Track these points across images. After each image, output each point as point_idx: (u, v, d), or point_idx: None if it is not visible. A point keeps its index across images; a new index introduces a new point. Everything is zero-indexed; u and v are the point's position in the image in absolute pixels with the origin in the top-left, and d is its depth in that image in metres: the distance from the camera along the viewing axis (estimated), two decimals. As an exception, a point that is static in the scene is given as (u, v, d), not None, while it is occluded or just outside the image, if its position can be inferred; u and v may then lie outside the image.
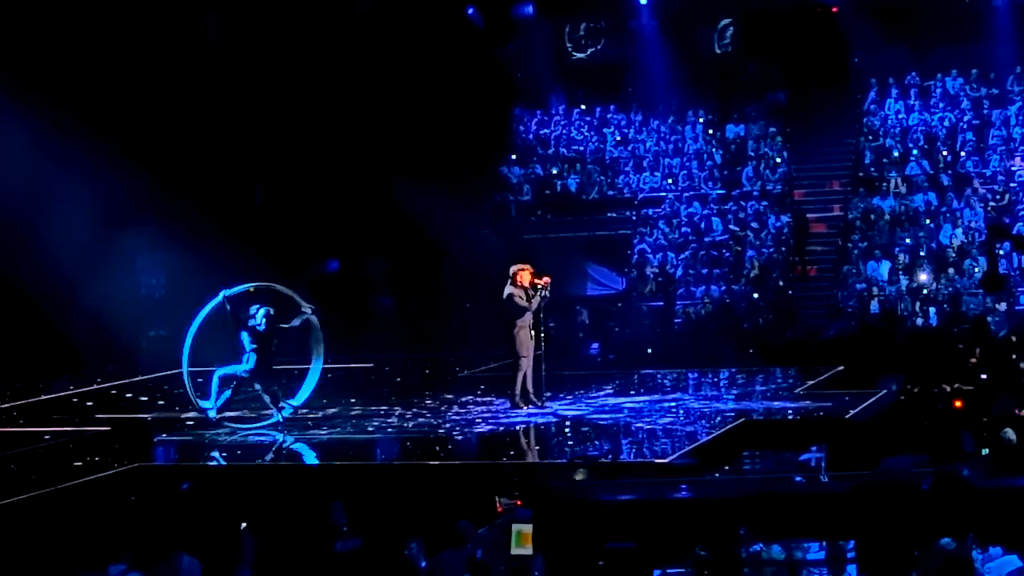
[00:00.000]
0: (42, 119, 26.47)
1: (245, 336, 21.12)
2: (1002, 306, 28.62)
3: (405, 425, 21.66)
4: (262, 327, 21.04)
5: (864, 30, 33.98)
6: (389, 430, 21.32)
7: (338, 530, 15.79)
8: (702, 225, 32.76)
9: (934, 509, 8.87)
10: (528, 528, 13.86)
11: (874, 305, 30.07)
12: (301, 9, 31.07)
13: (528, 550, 13.69)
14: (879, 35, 33.72)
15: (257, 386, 21.41)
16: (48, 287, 27.31)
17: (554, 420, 21.37)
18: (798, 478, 15.96)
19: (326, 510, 16.09)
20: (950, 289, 29.65)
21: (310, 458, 19.85)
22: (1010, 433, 16.50)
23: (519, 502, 15.56)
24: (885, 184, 32.46)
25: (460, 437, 20.52)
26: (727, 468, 17.98)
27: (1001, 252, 28.77)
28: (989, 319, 27.56)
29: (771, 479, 16.75)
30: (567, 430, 20.63)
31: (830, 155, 34.01)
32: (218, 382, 21.22)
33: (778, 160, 33.48)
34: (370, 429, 21.38)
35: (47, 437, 21.68)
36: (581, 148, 35.32)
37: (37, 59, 26.75)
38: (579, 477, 16.12)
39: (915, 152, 32.68)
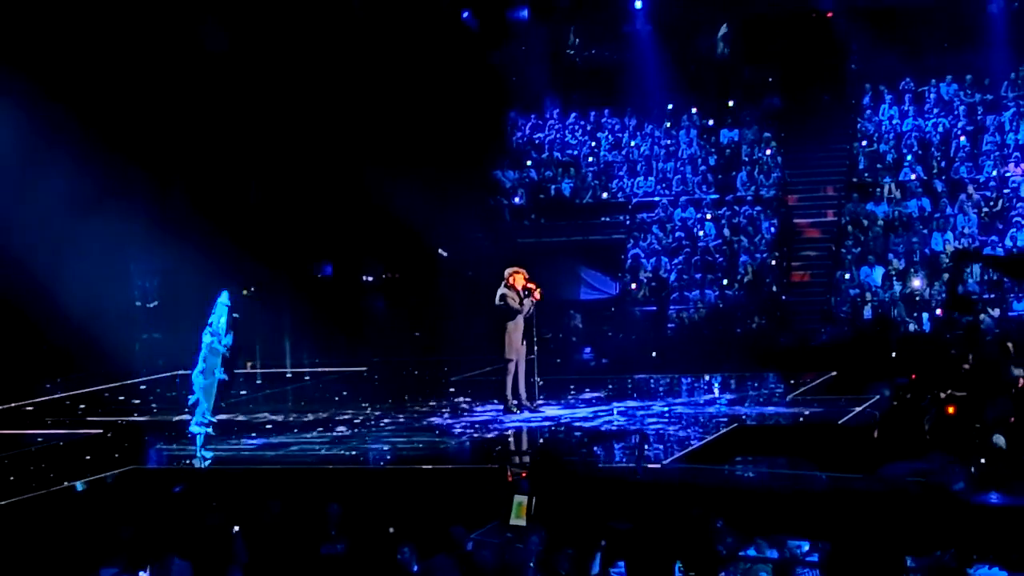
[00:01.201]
0: (33, 115, 26.45)
1: (218, 342, 20.87)
2: (995, 311, 28.65)
3: (397, 429, 21.66)
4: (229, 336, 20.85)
5: (859, 36, 34.02)
6: (382, 434, 21.32)
7: (326, 533, 15.79)
8: (696, 230, 32.76)
9: (918, 520, 8.84)
10: (517, 502, 13.89)
11: (867, 311, 30.07)
12: (297, 12, 31.05)
13: (522, 521, 13.72)
14: (874, 41, 33.75)
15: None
16: (40, 289, 27.29)
17: (547, 424, 21.37)
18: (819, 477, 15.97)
19: (319, 512, 16.08)
20: (943, 295, 29.63)
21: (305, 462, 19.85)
22: (1000, 439, 16.51)
23: (523, 474, 15.64)
24: (879, 190, 32.47)
25: (453, 441, 20.53)
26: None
27: (969, 275, 28.90)
28: (982, 324, 27.59)
29: (754, 475, 16.75)
30: (560, 435, 20.62)
31: (824, 160, 34.00)
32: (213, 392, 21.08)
33: (772, 165, 33.50)
34: (363, 433, 21.38)
35: (40, 440, 21.67)
36: (575, 152, 35.33)
37: (31, 58, 26.74)
38: None
39: (909, 158, 32.69)
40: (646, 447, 18.27)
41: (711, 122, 34.87)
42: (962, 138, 32.62)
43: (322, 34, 31.48)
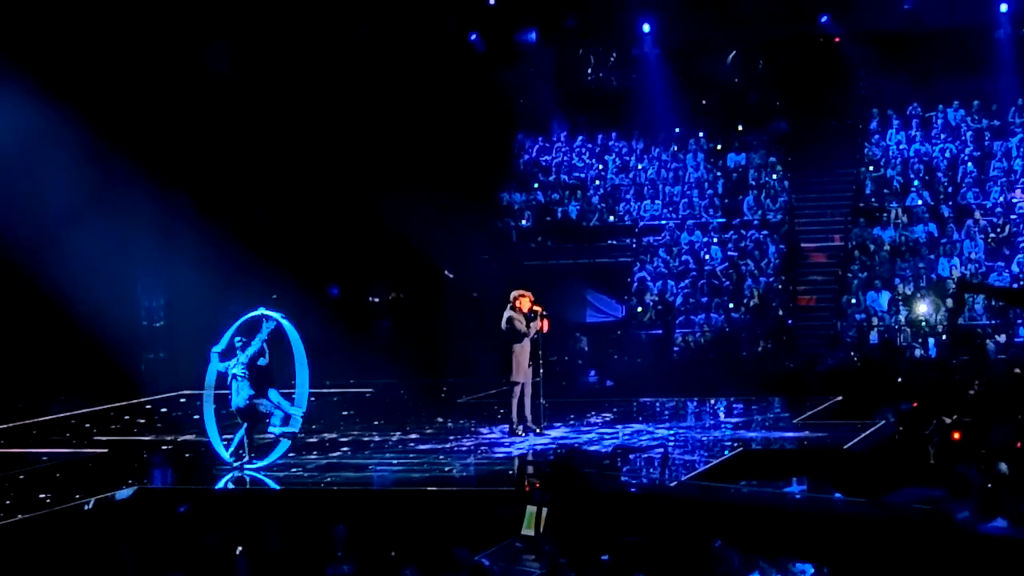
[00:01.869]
0: (46, 126, 26.52)
1: (244, 366, 20.58)
2: (1001, 337, 28.63)
3: (404, 451, 21.65)
4: (263, 360, 20.53)
5: (866, 61, 34.05)
6: (387, 456, 21.31)
7: (332, 554, 15.77)
8: (702, 253, 32.76)
9: (916, 548, 8.78)
10: (531, 511, 13.89)
11: (873, 336, 30.05)
12: (305, 34, 31.14)
13: (532, 532, 13.72)
14: (881, 66, 33.79)
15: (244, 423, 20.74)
16: (45, 309, 27.32)
17: (552, 447, 21.34)
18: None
19: (323, 534, 16.05)
20: (946, 323, 29.56)
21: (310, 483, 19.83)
22: (1003, 466, 16.46)
23: (537, 484, 15.64)
24: (886, 215, 32.47)
25: (459, 463, 20.51)
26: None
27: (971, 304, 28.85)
28: (988, 347, 27.60)
29: (757, 495, 16.70)
30: (574, 451, 20.58)
31: (831, 185, 34.02)
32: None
33: (779, 189, 33.51)
34: (368, 454, 21.36)
35: (45, 458, 21.67)
36: (582, 175, 35.36)
37: (52, 69, 26.81)
38: None
39: (916, 183, 32.69)
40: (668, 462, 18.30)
41: (718, 146, 34.90)
42: (969, 164, 32.63)
43: (330, 56, 31.55)
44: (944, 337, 29.14)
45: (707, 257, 32.70)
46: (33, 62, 26.47)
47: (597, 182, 35.09)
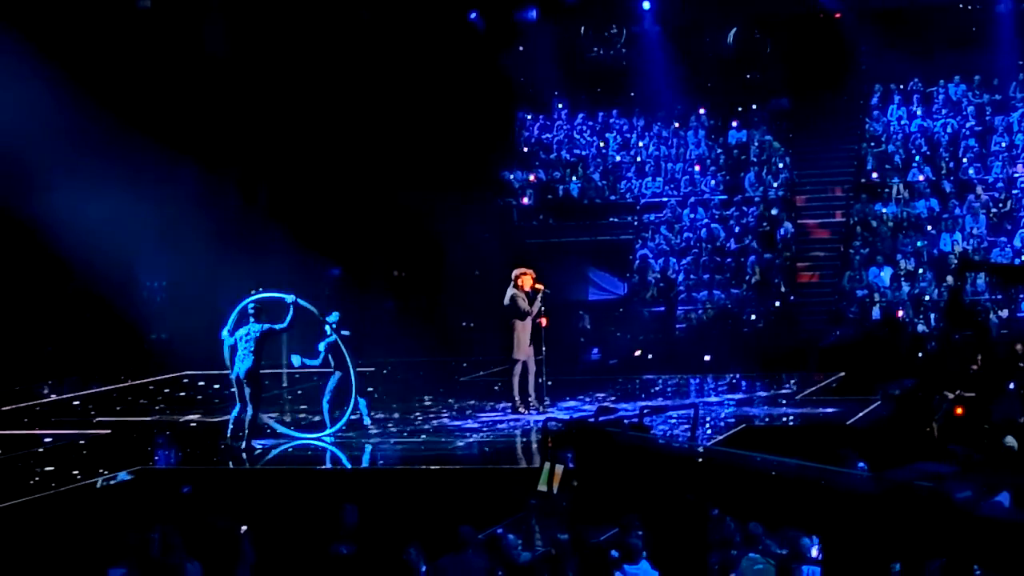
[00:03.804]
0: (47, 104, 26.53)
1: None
2: (1003, 312, 28.62)
3: (405, 429, 21.66)
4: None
5: (867, 36, 33.97)
6: (390, 435, 21.32)
7: (336, 534, 15.77)
8: (704, 231, 32.73)
9: (911, 525, 8.70)
10: (548, 468, 13.87)
11: (875, 311, 30.03)
12: (306, 14, 31.09)
13: (545, 487, 13.69)
14: (882, 41, 33.70)
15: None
16: (47, 290, 27.31)
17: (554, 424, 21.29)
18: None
19: (329, 513, 16.05)
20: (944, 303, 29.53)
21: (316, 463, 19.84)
22: (1011, 440, 16.47)
23: (559, 441, 15.58)
24: (887, 190, 32.44)
25: (462, 442, 20.53)
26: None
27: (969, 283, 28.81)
28: (991, 322, 27.59)
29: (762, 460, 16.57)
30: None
31: (832, 161, 33.97)
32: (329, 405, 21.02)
33: (780, 166, 33.47)
34: (372, 433, 21.36)
35: (48, 440, 21.69)
36: (583, 153, 35.31)
37: (51, 35, 26.80)
38: None
39: (917, 158, 32.65)
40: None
41: (719, 123, 34.85)
42: (970, 139, 32.59)
43: (329, 35, 31.50)
44: (941, 315, 29.13)
45: (708, 234, 32.65)
46: (32, 30, 26.43)
47: (598, 160, 35.05)
